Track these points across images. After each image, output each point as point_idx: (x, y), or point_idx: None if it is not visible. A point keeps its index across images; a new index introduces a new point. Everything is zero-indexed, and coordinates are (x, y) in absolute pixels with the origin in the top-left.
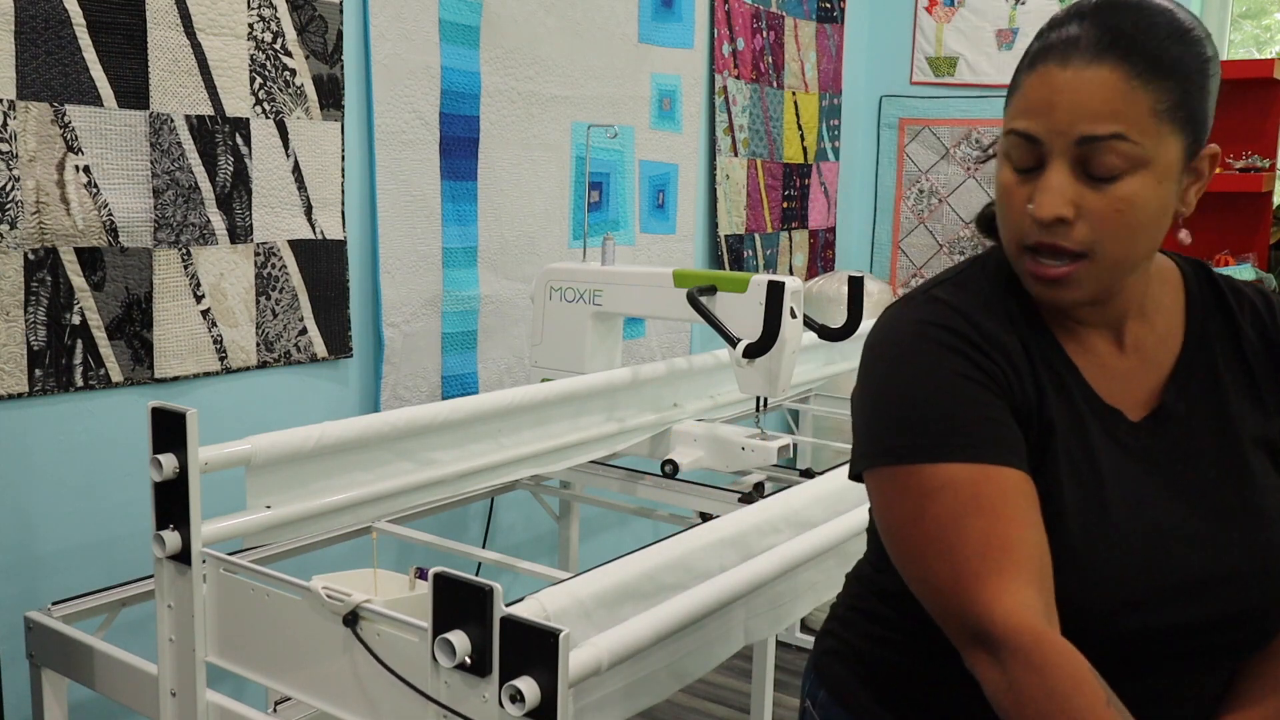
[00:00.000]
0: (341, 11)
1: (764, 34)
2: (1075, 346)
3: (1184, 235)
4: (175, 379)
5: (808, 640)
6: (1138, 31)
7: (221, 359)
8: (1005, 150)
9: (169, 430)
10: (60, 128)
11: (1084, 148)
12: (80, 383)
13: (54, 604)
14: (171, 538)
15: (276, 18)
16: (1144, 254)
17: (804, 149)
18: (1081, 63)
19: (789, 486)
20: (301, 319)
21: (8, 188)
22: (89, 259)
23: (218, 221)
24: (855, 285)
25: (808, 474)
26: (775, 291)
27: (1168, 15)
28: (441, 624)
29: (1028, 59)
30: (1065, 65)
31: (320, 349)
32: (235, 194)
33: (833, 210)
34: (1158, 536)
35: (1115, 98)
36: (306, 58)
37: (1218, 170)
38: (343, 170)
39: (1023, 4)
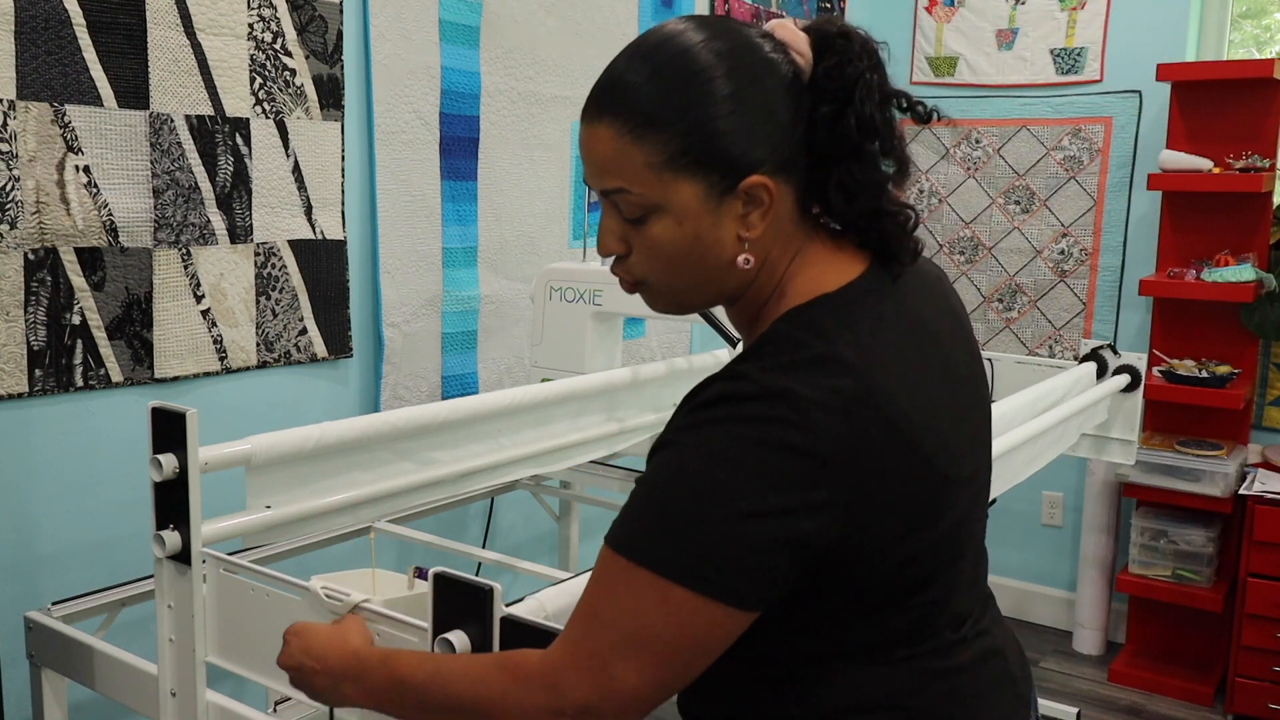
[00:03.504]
0: (341, 11)
1: None
2: None
3: (741, 259)
4: (175, 379)
5: None
6: (627, 89)
7: (221, 359)
8: None
9: (169, 430)
10: (60, 128)
11: (607, 198)
12: (80, 383)
13: (54, 604)
14: (171, 538)
15: (276, 18)
16: (696, 281)
17: None
18: (588, 121)
19: None
20: (301, 319)
21: (8, 188)
22: (89, 259)
23: (218, 221)
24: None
25: None
26: None
27: (666, 68)
28: (442, 624)
29: None
30: (582, 122)
31: (320, 349)
32: (235, 194)
33: None
34: None
35: (611, 155)
36: (306, 58)
37: (1223, 169)
38: (343, 170)
39: (1023, 4)
